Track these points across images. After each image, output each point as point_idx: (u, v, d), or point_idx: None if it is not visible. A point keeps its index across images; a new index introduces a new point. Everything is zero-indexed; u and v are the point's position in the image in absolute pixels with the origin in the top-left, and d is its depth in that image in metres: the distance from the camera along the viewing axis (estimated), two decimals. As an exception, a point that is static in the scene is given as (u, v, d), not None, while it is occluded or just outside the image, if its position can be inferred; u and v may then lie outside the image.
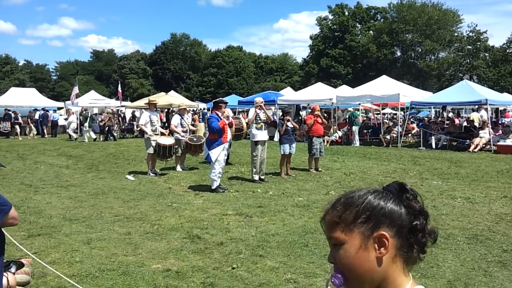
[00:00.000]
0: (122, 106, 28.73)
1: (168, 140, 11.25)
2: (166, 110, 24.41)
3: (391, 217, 1.05)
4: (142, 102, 23.81)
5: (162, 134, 11.59)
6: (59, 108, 30.53)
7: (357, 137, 19.20)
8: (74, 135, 23.17)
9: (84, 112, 24.49)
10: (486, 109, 18.33)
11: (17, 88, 35.81)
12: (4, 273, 3.34)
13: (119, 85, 30.75)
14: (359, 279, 1.04)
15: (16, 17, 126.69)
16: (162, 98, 22.63)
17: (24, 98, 29.84)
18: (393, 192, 1.10)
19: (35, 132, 25.37)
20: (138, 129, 21.94)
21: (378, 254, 1.04)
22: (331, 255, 1.09)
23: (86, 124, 22.86)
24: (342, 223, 1.07)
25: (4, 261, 3.89)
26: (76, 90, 26.92)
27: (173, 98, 25.24)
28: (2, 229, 2.50)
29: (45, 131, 26.21)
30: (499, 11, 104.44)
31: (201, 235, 5.80)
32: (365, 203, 1.07)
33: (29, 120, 25.35)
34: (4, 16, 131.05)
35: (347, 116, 21.05)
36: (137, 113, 26.99)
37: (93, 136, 22.77)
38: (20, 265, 4.24)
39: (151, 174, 11.01)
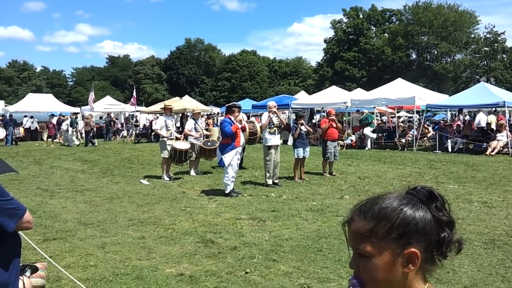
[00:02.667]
0: (137, 111, 28.98)
1: (183, 145, 11.30)
2: (180, 114, 24.54)
3: (423, 232, 1.03)
4: (157, 107, 23.99)
5: (177, 139, 11.66)
6: (75, 114, 30.89)
7: (369, 140, 19.02)
8: (76, 141, 23.63)
9: (72, 117, 24.75)
10: (503, 112, 18.04)
11: (34, 94, 36.43)
12: (20, 277, 3.38)
13: (134, 90, 31.06)
14: None
15: (33, 24, 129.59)
16: (177, 103, 22.72)
17: (41, 103, 30.33)
18: (422, 199, 1.07)
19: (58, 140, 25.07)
20: (153, 134, 22.16)
21: (406, 270, 1.02)
22: (355, 263, 1.07)
23: (70, 129, 23.62)
24: (373, 237, 1.03)
25: (21, 265, 3.95)
26: (92, 95, 27.27)
27: (188, 102, 25.39)
28: (19, 233, 2.52)
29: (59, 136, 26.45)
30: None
31: (214, 239, 5.80)
32: (400, 218, 1.03)
33: (55, 126, 25.20)
34: (22, 23, 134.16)
35: (359, 119, 20.89)
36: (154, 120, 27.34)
37: (76, 142, 23.38)
38: (34, 269, 4.28)
39: (166, 178, 11.07)
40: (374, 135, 19.45)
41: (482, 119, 18.54)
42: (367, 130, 19.34)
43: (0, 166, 3.28)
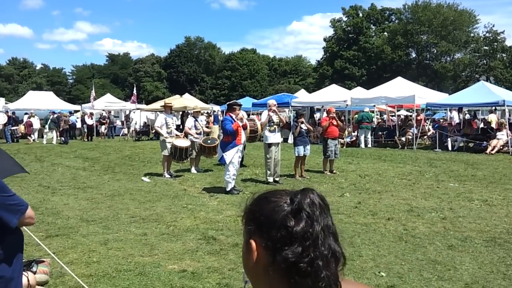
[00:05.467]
0: (137, 108, 29.01)
1: (184, 142, 11.32)
2: (181, 112, 24.57)
3: (268, 226, 0.96)
4: (157, 104, 24.02)
5: (177, 136, 11.68)
6: (76, 111, 30.94)
7: (362, 139, 18.97)
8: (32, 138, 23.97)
9: (48, 115, 24.81)
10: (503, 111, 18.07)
11: (34, 92, 36.42)
12: (25, 273, 3.40)
13: (134, 88, 31.07)
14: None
15: (32, 21, 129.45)
16: (177, 101, 22.75)
17: (42, 101, 30.29)
18: (292, 199, 0.98)
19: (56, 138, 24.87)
20: (154, 131, 22.19)
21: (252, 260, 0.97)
22: None
23: (47, 126, 23.90)
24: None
25: (25, 260, 3.97)
26: (93, 93, 27.31)
27: (188, 101, 25.40)
28: (22, 229, 2.54)
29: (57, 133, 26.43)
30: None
31: (216, 236, 5.83)
32: (258, 205, 1.02)
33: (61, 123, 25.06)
34: (22, 21, 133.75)
35: (354, 117, 20.86)
36: (151, 116, 27.31)
37: (55, 139, 23.58)
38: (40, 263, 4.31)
39: (167, 176, 11.10)
40: (369, 136, 19.34)
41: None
42: (361, 132, 19.23)
43: (12, 166, 3.28)
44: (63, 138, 23.26)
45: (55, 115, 24.28)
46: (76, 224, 6.56)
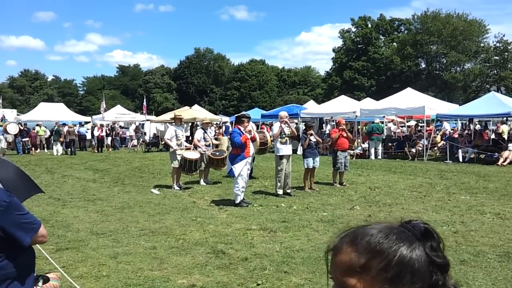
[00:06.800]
0: (147, 120, 29.20)
1: (194, 154, 11.34)
2: (190, 124, 24.68)
3: (418, 274, 0.92)
4: (167, 116, 24.14)
5: (187, 148, 11.72)
6: (86, 123, 31.23)
7: (373, 151, 18.87)
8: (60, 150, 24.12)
9: (56, 126, 25.02)
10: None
11: (46, 103, 36.92)
12: (34, 288, 3.41)
13: (144, 100, 31.32)
14: None
15: (44, 33, 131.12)
16: (186, 112, 22.87)
17: (53, 112, 30.66)
18: (417, 236, 0.96)
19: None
20: (163, 143, 22.30)
21: None
22: None
23: (52, 138, 24.25)
24: (363, 273, 0.91)
25: (35, 275, 3.98)
26: (103, 104, 27.56)
27: (197, 112, 25.52)
28: (32, 246, 2.55)
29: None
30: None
31: (225, 250, 5.81)
32: (397, 256, 0.92)
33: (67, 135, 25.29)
34: (34, 33, 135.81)
35: (365, 129, 20.80)
36: (161, 128, 27.46)
37: (60, 151, 23.78)
38: (46, 280, 4.31)
39: (176, 188, 11.12)
40: (379, 148, 19.24)
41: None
42: (372, 143, 19.15)
43: (29, 187, 3.28)
44: (69, 149, 23.48)
45: (57, 127, 24.59)
46: (86, 237, 6.58)
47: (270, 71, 76.63)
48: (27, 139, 25.33)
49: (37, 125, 26.88)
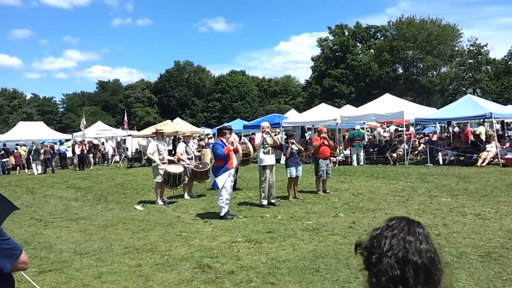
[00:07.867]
0: (129, 135, 28.96)
1: (177, 168, 11.30)
2: (172, 137, 24.58)
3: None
4: (149, 130, 24.01)
5: (170, 162, 11.66)
6: (67, 140, 30.81)
7: (355, 157, 19.02)
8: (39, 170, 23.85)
9: (32, 145, 24.75)
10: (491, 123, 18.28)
11: (25, 122, 36.30)
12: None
13: (125, 115, 31.10)
14: None
15: (21, 51, 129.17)
16: (168, 126, 22.81)
17: (33, 131, 30.16)
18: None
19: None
20: (146, 158, 22.13)
21: None
22: None
23: (31, 157, 23.89)
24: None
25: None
26: (83, 121, 27.25)
27: (179, 125, 25.45)
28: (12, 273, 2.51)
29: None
30: (496, 25, 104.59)
31: (211, 264, 5.79)
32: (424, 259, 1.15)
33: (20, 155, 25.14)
34: (10, 51, 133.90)
35: (345, 135, 21.00)
36: (143, 142, 27.26)
37: (39, 170, 23.55)
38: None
39: (160, 203, 11.04)
40: (361, 154, 19.39)
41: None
42: (354, 150, 19.29)
43: (6, 206, 3.19)
44: (46, 168, 23.17)
45: (35, 146, 24.23)
46: (69, 257, 6.48)
47: (250, 81, 77.00)
48: (7, 159, 24.89)
49: (17, 144, 26.46)
